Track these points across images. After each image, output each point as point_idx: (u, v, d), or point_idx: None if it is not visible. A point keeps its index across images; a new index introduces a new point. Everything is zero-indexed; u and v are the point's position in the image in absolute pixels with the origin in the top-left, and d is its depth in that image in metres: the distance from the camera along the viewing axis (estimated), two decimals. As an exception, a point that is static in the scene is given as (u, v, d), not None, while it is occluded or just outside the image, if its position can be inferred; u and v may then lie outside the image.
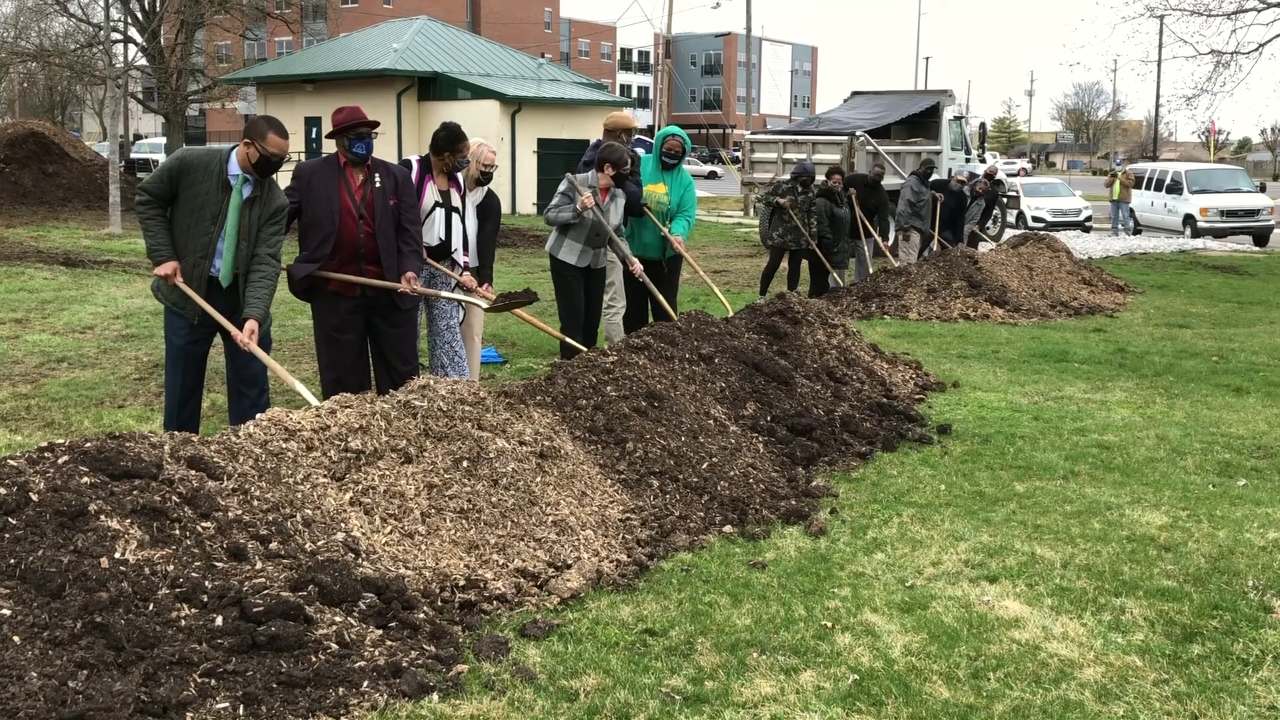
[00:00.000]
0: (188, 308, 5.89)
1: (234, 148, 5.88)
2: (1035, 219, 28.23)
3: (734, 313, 8.41)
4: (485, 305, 7.03)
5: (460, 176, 7.34)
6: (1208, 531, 5.43)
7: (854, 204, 14.55)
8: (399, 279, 6.42)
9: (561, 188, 8.45)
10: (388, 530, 4.50)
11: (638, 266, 8.58)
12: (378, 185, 6.41)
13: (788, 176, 13.91)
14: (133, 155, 42.49)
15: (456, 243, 7.24)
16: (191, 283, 5.82)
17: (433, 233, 7.08)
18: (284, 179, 6.21)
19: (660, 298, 8.68)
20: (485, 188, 7.67)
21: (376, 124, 6.42)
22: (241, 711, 3.37)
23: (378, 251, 6.40)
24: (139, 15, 32.93)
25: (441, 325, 7.21)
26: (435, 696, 3.63)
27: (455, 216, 7.23)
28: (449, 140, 7.06)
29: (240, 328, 5.81)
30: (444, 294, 7.01)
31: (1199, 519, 5.63)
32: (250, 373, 6.11)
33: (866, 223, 14.85)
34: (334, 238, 6.33)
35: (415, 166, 7.03)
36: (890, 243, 16.43)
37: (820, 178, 13.88)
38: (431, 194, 7.08)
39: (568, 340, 7.79)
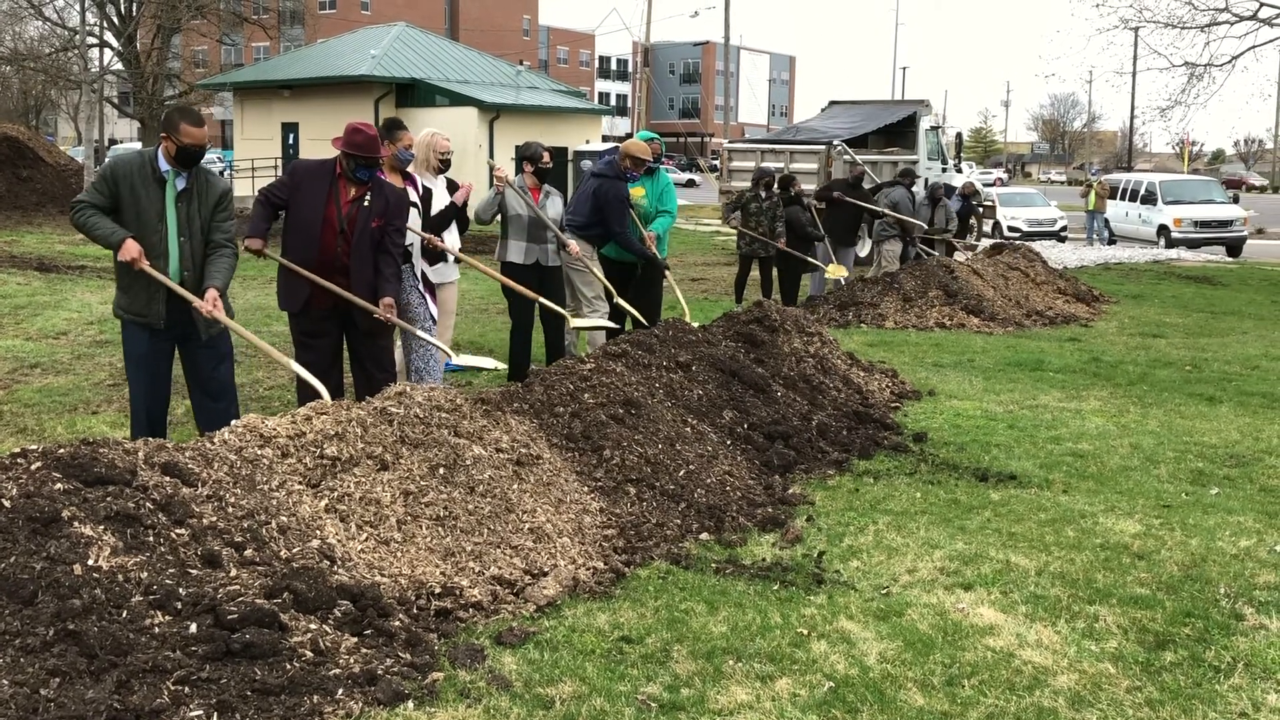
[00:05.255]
0: (150, 312, 5.82)
1: (159, 146, 5.85)
2: (1011, 229, 28.42)
3: (700, 324, 8.45)
4: (454, 357, 7.03)
5: (416, 174, 7.36)
6: (1180, 540, 5.47)
7: (854, 203, 14.61)
8: (371, 298, 6.36)
9: (490, 194, 8.53)
10: (363, 537, 4.49)
11: (573, 246, 8.55)
12: (365, 204, 6.37)
13: (749, 188, 13.98)
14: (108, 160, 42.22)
15: (412, 237, 7.18)
16: (150, 286, 5.77)
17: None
18: (271, 175, 6.20)
19: (625, 304, 8.70)
20: (445, 175, 7.81)
21: (385, 157, 6.52)
22: (215, 719, 3.35)
23: (349, 269, 6.37)
24: (115, 20, 32.74)
25: (417, 331, 7.19)
26: (410, 704, 3.62)
27: (414, 210, 7.19)
28: (387, 131, 7.07)
29: (200, 329, 5.82)
30: (419, 332, 6.89)
31: (1172, 527, 5.67)
32: (218, 384, 6.06)
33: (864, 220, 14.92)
34: (314, 247, 6.31)
35: None
36: (867, 252, 16.50)
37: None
38: None
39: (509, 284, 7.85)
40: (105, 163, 5.92)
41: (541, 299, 8.08)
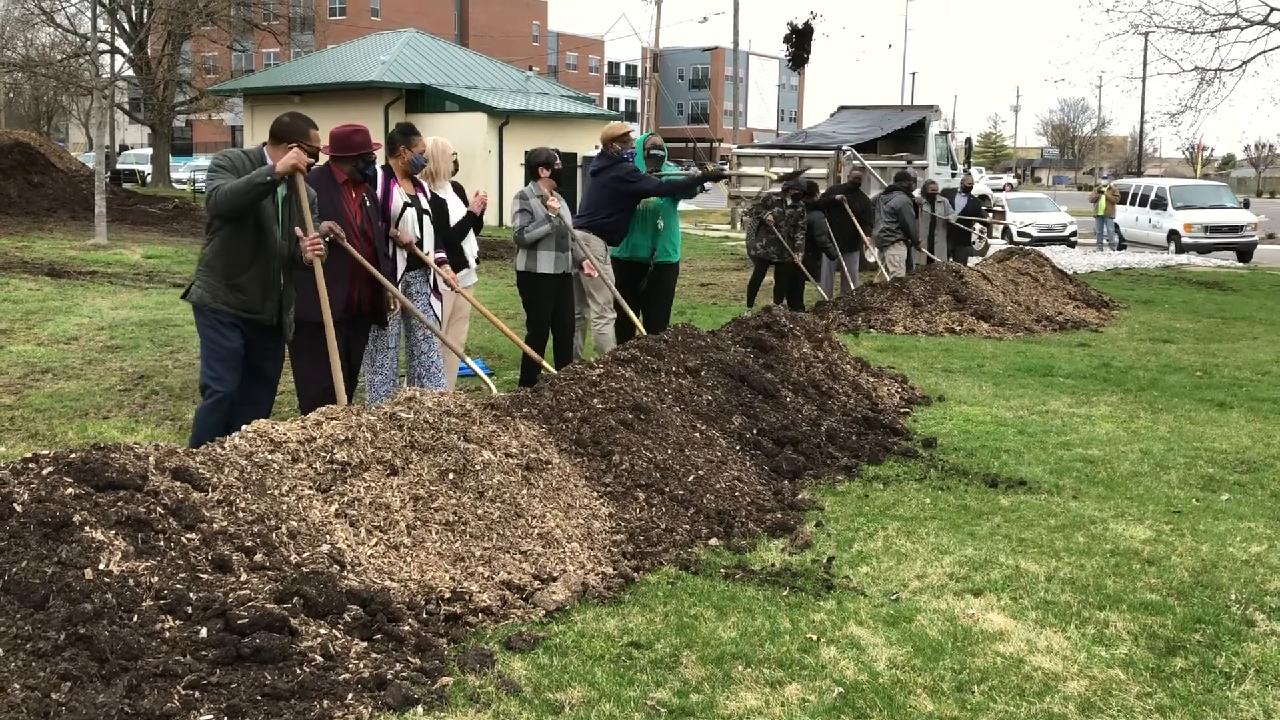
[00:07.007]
0: (265, 308, 5.74)
1: (261, 146, 5.86)
2: (1021, 234, 28.39)
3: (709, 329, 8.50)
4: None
5: (424, 180, 7.38)
6: (1191, 545, 5.46)
7: (850, 212, 14.62)
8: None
9: (516, 207, 8.50)
10: (373, 542, 4.50)
11: (589, 268, 8.62)
12: (368, 205, 6.41)
13: (778, 190, 13.98)
14: (119, 166, 42.33)
15: (429, 245, 7.20)
16: (265, 282, 5.75)
17: (406, 231, 7.05)
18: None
19: (629, 310, 8.70)
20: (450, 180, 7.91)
21: (378, 145, 6.53)
22: (225, 724, 3.36)
23: (376, 268, 6.38)
24: (126, 26, 32.91)
25: (419, 336, 7.18)
26: (420, 709, 3.63)
27: (426, 217, 7.20)
28: (403, 135, 7.07)
29: (287, 329, 5.89)
30: (431, 324, 7.05)
31: (1182, 533, 5.65)
32: (270, 380, 6.08)
33: (860, 229, 14.90)
34: (345, 257, 6.27)
35: (380, 174, 7.03)
36: (874, 258, 16.48)
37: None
38: (400, 196, 7.00)
39: (529, 352, 7.86)
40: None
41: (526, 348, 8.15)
